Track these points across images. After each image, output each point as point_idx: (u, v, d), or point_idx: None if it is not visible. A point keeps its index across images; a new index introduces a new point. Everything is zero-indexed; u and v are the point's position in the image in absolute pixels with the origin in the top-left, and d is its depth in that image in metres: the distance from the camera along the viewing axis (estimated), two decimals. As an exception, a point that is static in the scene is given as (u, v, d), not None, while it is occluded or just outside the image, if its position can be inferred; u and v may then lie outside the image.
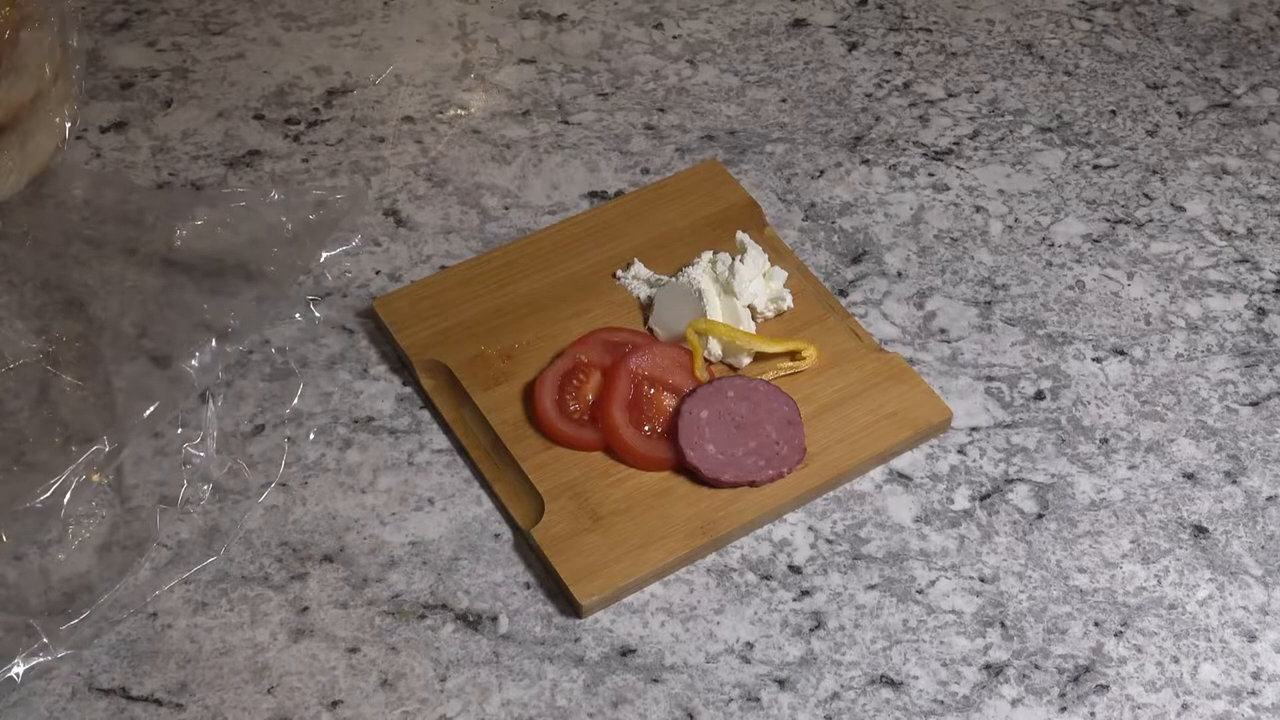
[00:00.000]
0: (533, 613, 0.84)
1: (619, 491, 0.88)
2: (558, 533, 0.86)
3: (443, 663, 0.82)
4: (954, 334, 0.99)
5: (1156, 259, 1.04)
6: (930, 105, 1.13)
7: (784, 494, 0.89)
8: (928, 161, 1.09)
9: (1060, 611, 0.86)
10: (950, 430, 0.93)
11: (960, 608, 0.85)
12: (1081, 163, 1.10)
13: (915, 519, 0.89)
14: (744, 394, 0.91)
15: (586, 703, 0.81)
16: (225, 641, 0.82)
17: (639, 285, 0.98)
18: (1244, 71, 1.17)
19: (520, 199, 1.05)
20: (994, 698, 0.82)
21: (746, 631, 0.84)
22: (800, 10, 1.20)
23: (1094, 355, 0.98)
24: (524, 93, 1.13)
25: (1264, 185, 1.09)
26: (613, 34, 1.17)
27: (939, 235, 1.04)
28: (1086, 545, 0.89)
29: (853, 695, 0.82)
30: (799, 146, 1.10)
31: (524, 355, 0.94)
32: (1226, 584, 0.87)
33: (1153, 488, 0.91)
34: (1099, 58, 1.18)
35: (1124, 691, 0.82)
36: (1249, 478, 0.92)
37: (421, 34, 1.17)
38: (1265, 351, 0.99)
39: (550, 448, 0.90)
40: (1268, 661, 0.84)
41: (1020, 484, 0.91)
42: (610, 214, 1.03)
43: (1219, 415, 0.95)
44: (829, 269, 1.02)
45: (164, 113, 1.10)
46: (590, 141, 1.09)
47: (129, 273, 0.97)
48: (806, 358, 0.94)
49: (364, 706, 0.80)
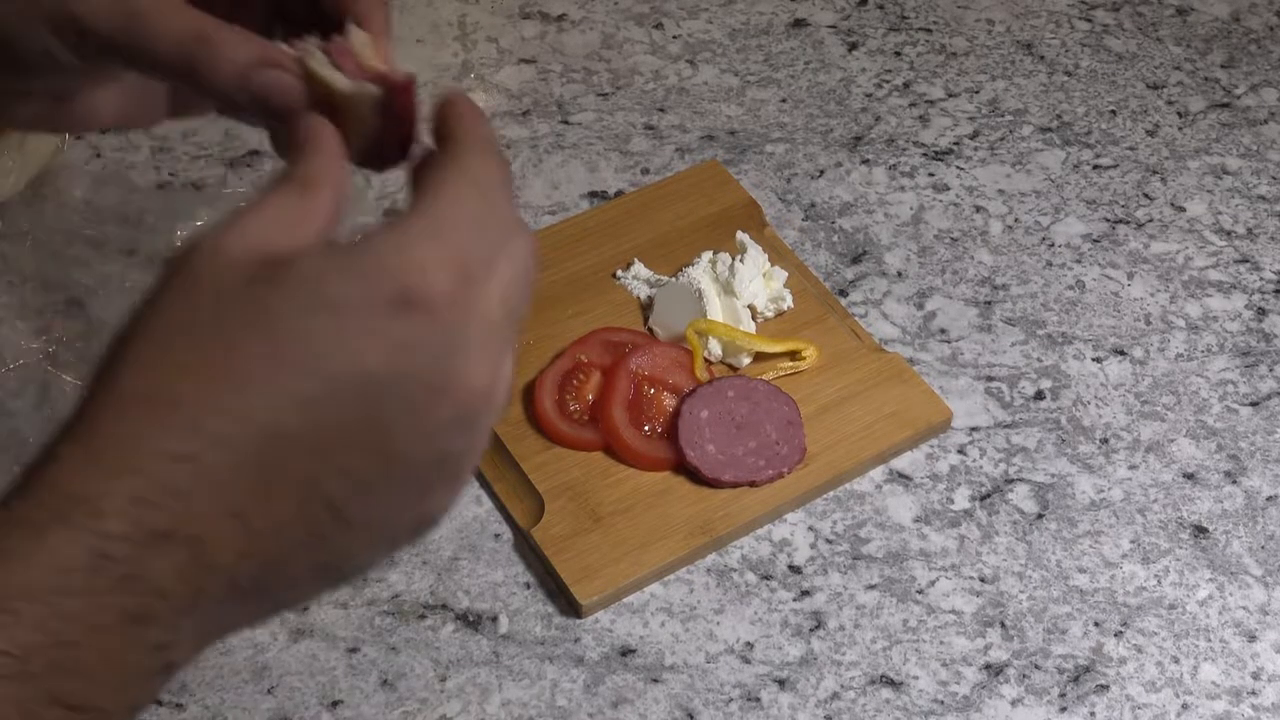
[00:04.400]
0: (533, 613, 0.84)
1: (619, 491, 0.88)
2: (558, 533, 0.86)
3: (443, 663, 0.82)
4: (954, 334, 0.99)
5: (1156, 259, 1.04)
6: (930, 105, 1.13)
7: (784, 494, 0.89)
8: (928, 161, 1.09)
9: (1060, 611, 0.86)
10: (950, 430, 0.93)
11: (960, 608, 0.85)
12: (1081, 163, 1.10)
13: (915, 519, 0.89)
14: (744, 394, 0.91)
15: (586, 703, 0.81)
16: (225, 641, 0.82)
17: (639, 285, 0.98)
18: (1244, 71, 1.17)
19: (520, 199, 1.05)
20: (994, 698, 0.82)
21: (746, 631, 0.84)
22: (800, 10, 1.20)
23: (1094, 355, 0.98)
24: (524, 93, 1.13)
25: (1264, 185, 1.09)
26: (613, 34, 1.17)
27: (939, 235, 1.04)
28: (1086, 545, 0.89)
29: (853, 695, 0.82)
30: (799, 146, 1.10)
31: (524, 355, 0.94)
32: (1226, 584, 0.87)
33: (1153, 488, 0.91)
34: (1099, 58, 1.18)
35: (1124, 691, 0.82)
36: (1249, 478, 0.92)
37: (421, 34, 1.17)
38: (1265, 351, 0.99)
39: (550, 448, 0.90)
40: (1268, 661, 0.84)
41: (1020, 484, 0.91)
42: (610, 214, 1.03)
43: (1219, 415, 0.95)
44: (829, 269, 1.02)
45: (164, 113, 1.10)
46: (590, 141, 1.09)
47: (129, 273, 0.97)
48: (806, 358, 0.94)
49: (364, 706, 0.80)
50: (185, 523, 0.43)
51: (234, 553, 0.44)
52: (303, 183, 0.48)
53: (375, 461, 0.46)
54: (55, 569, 0.42)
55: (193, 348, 0.44)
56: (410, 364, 0.45)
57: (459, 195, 0.48)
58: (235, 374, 0.44)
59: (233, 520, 0.44)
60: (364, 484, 0.46)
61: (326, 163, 0.49)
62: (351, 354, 0.44)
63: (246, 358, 0.44)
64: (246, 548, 0.44)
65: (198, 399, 0.43)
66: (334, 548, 0.46)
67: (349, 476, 0.45)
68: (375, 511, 0.47)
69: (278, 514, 0.44)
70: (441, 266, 0.45)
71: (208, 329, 0.44)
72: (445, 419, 0.46)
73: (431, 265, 0.45)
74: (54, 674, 0.42)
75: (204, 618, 0.45)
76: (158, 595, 0.43)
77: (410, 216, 0.47)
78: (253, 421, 0.44)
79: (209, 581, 0.44)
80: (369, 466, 0.46)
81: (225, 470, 0.43)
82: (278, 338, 0.44)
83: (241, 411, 0.44)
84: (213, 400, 0.44)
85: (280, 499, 0.44)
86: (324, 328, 0.44)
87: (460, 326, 0.46)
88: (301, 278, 0.45)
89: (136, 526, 0.42)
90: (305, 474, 0.45)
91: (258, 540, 0.44)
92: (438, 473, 0.48)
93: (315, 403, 0.44)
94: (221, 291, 0.45)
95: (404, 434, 0.46)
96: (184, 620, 0.44)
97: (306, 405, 0.44)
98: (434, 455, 0.47)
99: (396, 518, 0.48)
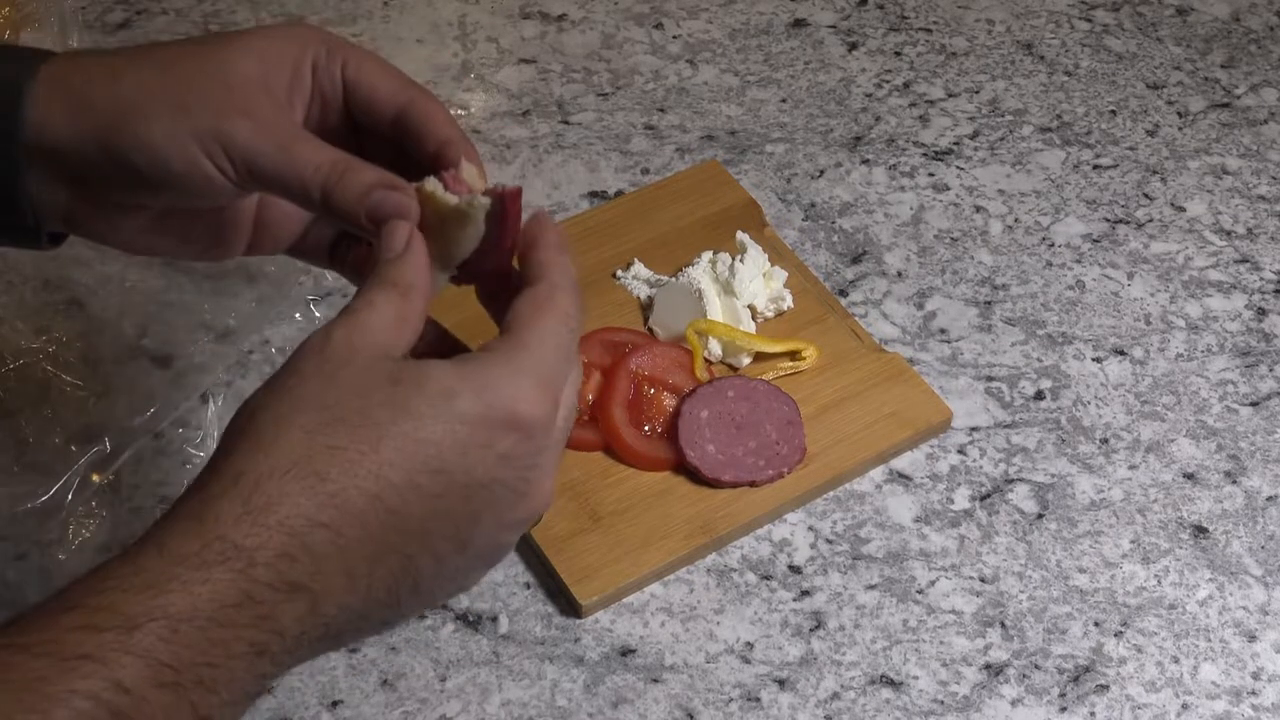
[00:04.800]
0: (533, 613, 0.84)
1: (619, 491, 0.88)
2: (558, 533, 0.86)
3: (443, 663, 0.82)
4: (954, 334, 0.99)
5: (1156, 259, 1.04)
6: (930, 105, 1.13)
7: (784, 494, 0.89)
8: (928, 161, 1.09)
9: (1060, 611, 0.86)
10: (950, 430, 0.93)
11: (960, 608, 0.85)
12: (1081, 163, 1.10)
13: (915, 519, 0.89)
14: (744, 394, 0.91)
15: (586, 703, 0.81)
16: (225, 641, 0.82)
17: (639, 285, 0.98)
18: (1244, 71, 1.17)
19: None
20: (994, 698, 0.82)
21: (746, 631, 0.84)
22: (800, 10, 1.20)
23: (1094, 355, 0.98)
24: (524, 93, 1.13)
25: (1264, 185, 1.09)
26: (613, 34, 1.17)
27: (939, 235, 1.04)
28: (1086, 545, 0.89)
29: (853, 695, 0.82)
30: (799, 146, 1.10)
31: (524, 355, 0.94)
32: (1226, 584, 0.87)
33: (1153, 488, 0.91)
34: (1099, 58, 1.18)
35: (1124, 691, 0.82)
36: (1249, 478, 0.92)
37: (421, 34, 1.17)
38: (1265, 351, 0.99)
39: (550, 448, 0.90)
40: (1268, 661, 0.84)
41: (1020, 484, 0.91)
42: (610, 214, 1.03)
43: (1219, 415, 0.95)
44: (829, 269, 1.02)
45: (164, 113, 1.10)
46: (590, 141, 1.09)
47: (129, 273, 0.97)
48: (806, 358, 0.94)
49: (364, 706, 0.80)
50: (314, 579, 0.52)
51: (337, 606, 0.53)
52: (404, 287, 0.57)
53: (457, 546, 0.56)
54: (214, 603, 0.50)
55: (341, 433, 0.53)
56: (506, 473, 0.56)
57: (555, 332, 0.58)
58: (376, 460, 0.53)
59: (346, 579, 0.53)
60: (443, 563, 0.56)
61: (421, 271, 0.58)
62: (470, 461, 0.55)
63: (388, 449, 0.53)
64: (347, 603, 0.54)
65: (343, 477, 0.52)
66: (401, 611, 0.56)
67: (435, 556, 0.55)
68: (439, 585, 0.57)
69: (377, 580, 0.54)
70: (541, 399, 0.56)
71: (355, 416, 0.53)
72: (518, 519, 0.58)
73: (534, 397, 0.56)
74: (196, 688, 0.50)
75: (298, 656, 0.54)
76: (278, 634, 0.52)
77: (518, 350, 0.57)
78: (383, 502, 0.53)
79: (313, 627, 0.53)
80: (452, 550, 0.56)
81: (353, 540, 0.53)
82: (416, 436, 0.54)
83: (375, 492, 0.53)
84: (355, 481, 0.53)
85: (383, 567, 0.54)
86: (453, 436, 0.54)
87: (545, 445, 0.57)
88: (439, 390, 0.54)
89: (280, 577, 0.52)
90: (407, 550, 0.54)
91: (356, 598, 0.54)
92: (491, 560, 0.59)
93: (434, 496, 0.54)
94: (366, 387, 0.54)
95: (484, 528, 0.56)
96: (288, 657, 0.53)
97: (426, 496, 0.54)
98: (497, 546, 0.58)
99: (448, 590, 0.59)
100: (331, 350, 0.55)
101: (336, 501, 0.52)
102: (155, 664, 0.49)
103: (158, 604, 0.50)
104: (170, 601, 0.50)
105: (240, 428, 0.54)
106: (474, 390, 0.55)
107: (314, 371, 0.54)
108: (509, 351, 0.56)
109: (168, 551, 0.51)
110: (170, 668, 0.49)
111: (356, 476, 0.53)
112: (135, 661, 0.49)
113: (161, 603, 0.50)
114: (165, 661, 0.49)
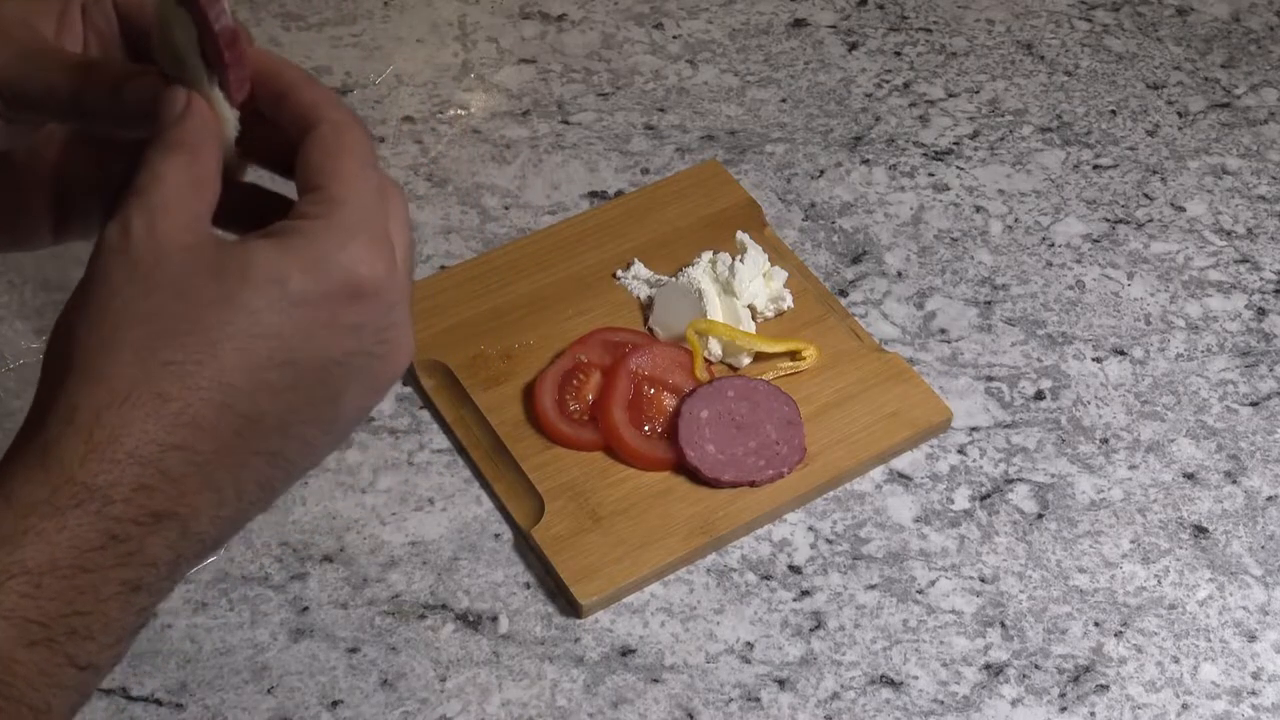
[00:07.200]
0: (533, 613, 0.84)
1: (619, 491, 0.88)
2: (558, 533, 0.86)
3: (443, 663, 0.82)
4: (954, 334, 0.99)
5: (1156, 259, 1.04)
6: (930, 105, 1.13)
7: (784, 494, 0.89)
8: (928, 161, 1.09)
9: (1060, 611, 0.86)
10: (950, 430, 0.93)
11: (960, 608, 0.85)
12: (1081, 163, 1.10)
13: (915, 519, 0.89)
14: (744, 394, 0.91)
15: (586, 703, 0.81)
16: (225, 641, 0.82)
17: (639, 285, 0.98)
18: (1244, 71, 1.17)
19: (520, 199, 1.05)
20: (994, 698, 0.82)
21: (746, 631, 0.84)
22: (800, 10, 1.20)
23: (1094, 355, 0.98)
24: (524, 93, 1.13)
25: (1264, 185, 1.09)
26: (613, 34, 1.17)
27: (939, 235, 1.04)
28: (1086, 545, 0.89)
29: (853, 695, 0.82)
30: (799, 146, 1.10)
31: (524, 355, 0.94)
32: (1226, 584, 0.87)
33: (1153, 488, 0.91)
34: (1099, 58, 1.18)
35: (1124, 691, 0.82)
36: (1249, 478, 0.92)
37: (421, 34, 1.17)
38: (1265, 351, 0.99)
39: (550, 448, 0.90)
40: (1268, 661, 0.84)
41: (1020, 484, 0.91)
42: (610, 214, 1.03)
43: (1219, 415, 0.95)
44: (829, 269, 1.02)
45: (164, 113, 1.10)
46: (590, 141, 1.09)
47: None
48: (806, 358, 0.94)
49: (364, 706, 0.80)
50: (178, 503, 0.49)
51: (209, 520, 0.50)
52: (191, 146, 0.52)
53: (324, 428, 0.53)
54: (75, 549, 0.47)
55: (175, 346, 0.49)
56: (361, 343, 0.52)
57: (362, 175, 0.53)
58: (217, 368, 0.49)
59: (213, 494, 0.50)
60: (312, 444, 0.53)
61: (205, 125, 0.53)
62: (318, 344, 0.51)
63: (227, 353, 0.49)
64: (219, 514, 0.51)
65: (186, 393, 0.49)
66: (278, 491, 0.54)
67: (302, 441, 0.52)
68: (314, 459, 0.54)
69: (245, 484, 0.51)
70: (376, 255, 0.52)
71: (184, 324, 0.49)
72: (385, 381, 0.54)
73: (368, 256, 0.51)
74: (70, 639, 0.48)
75: (176, 578, 0.51)
76: (150, 566, 0.49)
77: (334, 209, 0.52)
78: (233, 409, 0.50)
79: (188, 548, 0.50)
80: (319, 432, 0.53)
81: (210, 454, 0.50)
82: (253, 333, 0.50)
83: (223, 401, 0.49)
84: (199, 394, 0.49)
85: (248, 471, 0.51)
86: (294, 323, 0.50)
87: (394, 300, 0.53)
88: (267, 277, 0.50)
89: (140, 510, 0.48)
90: (270, 448, 0.51)
91: (227, 507, 0.51)
92: (363, 417, 0.56)
93: (287, 389, 0.51)
94: (188, 287, 0.50)
95: (349, 400, 0.53)
96: (165, 584, 0.50)
97: (279, 391, 0.50)
98: (367, 408, 0.55)
99: (324, 456, 0.55)
100: (135, 247, 0.50)
101: (184, 420, 0.49)
102: (21, 622, 0.47)
103: (15, 560, 0.47)
104: (28, 555, 0.47)
105: (62, 352, 0.50)
106: (304, 268, 0.50)
107: (125, 279, 0.50)
108: (326, 213, 0.51)
109: (16, 502, 0.48)
110: (38, 624, 0.47)
111: (200, 389, 0.49)
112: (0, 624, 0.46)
113: (19, 557, 0.47)
114: (32, 618, 0.47)
